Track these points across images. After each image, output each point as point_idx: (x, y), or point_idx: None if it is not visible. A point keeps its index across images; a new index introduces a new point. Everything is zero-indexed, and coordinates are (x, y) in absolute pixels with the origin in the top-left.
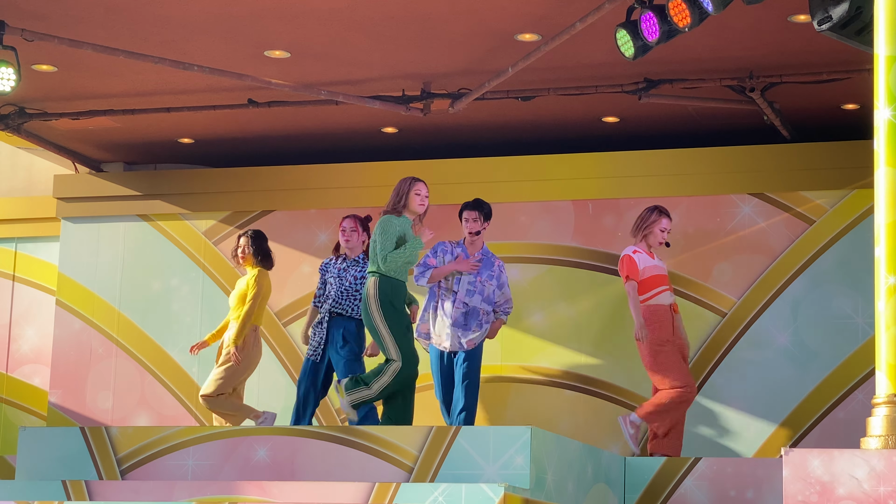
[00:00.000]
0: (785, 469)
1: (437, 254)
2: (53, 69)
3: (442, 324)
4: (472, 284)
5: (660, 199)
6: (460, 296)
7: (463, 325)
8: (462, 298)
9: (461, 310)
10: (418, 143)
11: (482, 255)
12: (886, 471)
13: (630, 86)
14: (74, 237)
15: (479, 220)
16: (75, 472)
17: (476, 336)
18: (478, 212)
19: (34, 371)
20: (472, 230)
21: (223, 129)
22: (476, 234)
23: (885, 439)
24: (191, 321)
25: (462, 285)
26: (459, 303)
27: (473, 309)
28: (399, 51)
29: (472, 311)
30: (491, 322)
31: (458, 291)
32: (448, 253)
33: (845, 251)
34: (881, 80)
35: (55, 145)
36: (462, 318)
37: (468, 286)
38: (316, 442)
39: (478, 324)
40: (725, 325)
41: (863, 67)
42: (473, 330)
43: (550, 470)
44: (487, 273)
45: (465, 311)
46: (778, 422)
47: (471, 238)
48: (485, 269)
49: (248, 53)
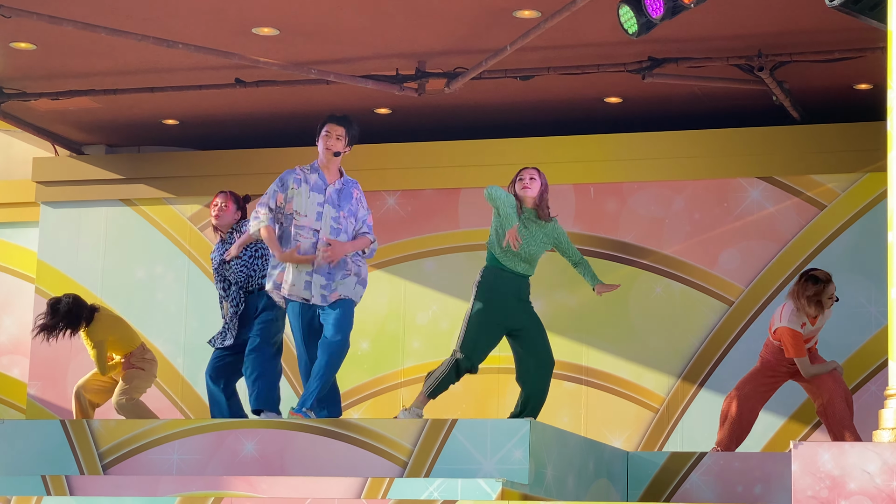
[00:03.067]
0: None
1: (285, 186)
2: (32, 47)
3: (298, 270)
4: (335, 220)
5: (665, 183)
6: (322, 235)
7: (327, 272)
8: (325, 239)
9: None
10: (413, 124)
11: (342, 185)
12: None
13: (633, 65)
14: (54, 222)
15: (343, 139)
16: (55, 467)
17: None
18: (345, 129)
19: (12, 362)
20: (334, 148)
21: (209, 110)
22: (336, 155)
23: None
24: (176, 310)
25: (325, 222)
26: (322, 243)
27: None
28: (393, 28)
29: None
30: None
31: (321, 230)
32: (303, 181)
33: (857, 237)
34: (895, 58)
35: (34, 127)
36: (326, 264)
37: (332, 223)
38: (306, 435)
39: (344, 274)
40: (732, 315)
41: (876, 45)
42: (338, 282)
43: (550, 464)
44: (348, 207)
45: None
46: (787, 415)
47: (328, 157)
48: (345, 201)
49: (235, 31)
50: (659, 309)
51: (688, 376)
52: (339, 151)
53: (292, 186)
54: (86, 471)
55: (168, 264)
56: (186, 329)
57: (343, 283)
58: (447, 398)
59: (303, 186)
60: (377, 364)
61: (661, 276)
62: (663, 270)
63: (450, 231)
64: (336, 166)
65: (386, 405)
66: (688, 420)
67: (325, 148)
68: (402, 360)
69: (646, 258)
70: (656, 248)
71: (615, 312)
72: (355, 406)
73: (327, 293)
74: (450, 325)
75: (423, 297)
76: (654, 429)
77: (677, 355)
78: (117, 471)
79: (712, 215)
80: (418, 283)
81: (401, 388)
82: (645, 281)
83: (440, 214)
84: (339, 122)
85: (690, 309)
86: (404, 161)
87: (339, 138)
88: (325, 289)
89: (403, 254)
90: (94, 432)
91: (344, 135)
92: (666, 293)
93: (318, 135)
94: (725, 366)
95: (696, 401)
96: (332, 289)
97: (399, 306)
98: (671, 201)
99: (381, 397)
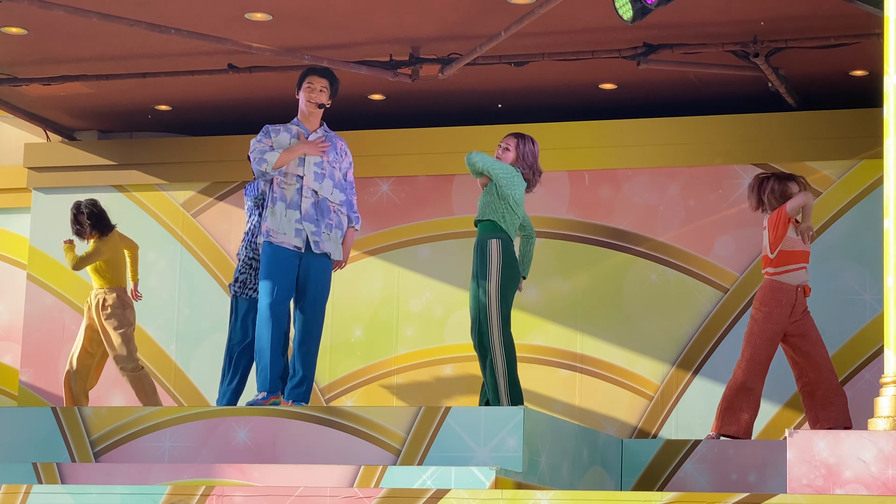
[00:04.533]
0: (789, 451)
1: (268, 135)
2: (23, 32)
3: (287, 218)
4: (319, 166)
5: (659, 170)
6: (307, 181)
7: (315, 219)
8: (310, 185)
9: (311, 199)
10: (406, 110)
11: (324, 132)
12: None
13: (628, 51)
14: (46, 208)
15: (326, 91)
16: (47, 455)
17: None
18: (328, 80)
19: (4, 349)
20: (318, 100)
21: (202, 96)
22: (319, 107)
23: (893, 420)
24: (168, 297)
25: (308, 168)
26: (307, 190)
27: (324, 199)
28: (386, 14)
29: (323, 202)
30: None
31: (304, 176)
32: (283, 131)
33: (853, 224)
34: (891, 45)
35: (26, 112)
36: (313, 210)
37: (315, 168)
38: (299, 423)
39: (329, 224)
40: (727, 302)
41: (872, 32)
42: (325, 232)
43: (544, 452)
44: (334, 154)
45: (315, 200)
46: (782, 402)
47: (309, 110)
48: (331, 147)
49: (228, 16)
50: (653, 296)
51: (682, 363)
52: (323, 104)
53: (272, 135)
54: (77, 458)
55: (160, 251)
56: (179, 316)
57: (330, 238)
58: (440, 386)
59: (282, 135)
60: (370, 351)
61: (656, 263)
62: (658, 257)
63: (444, 218)
64: (318, 119)
65: (379, 393)
66: (682, 407)
67: (308, 100)
68: (395, 348)
69: (640, 245)
70: (651, 234)
71: (609, 299)
72: (348, 394)
73: (319, 240)
74: (443, 312)
75: (416, 284)
76: (649, 416)
77: (672, 342)
78: (109, 458)
79: (707, 202)
80: (412, 270)
81: (394, 376)
82: (639, 268)
83: (434, 201)
84: (321, 74)
85: (685, 296)
86: (398, 147)
87: (323, 90)
88: (315, 235)
89: (397, 240)
90: (85, 420)
91: (327, 87)
92: (660, 280)
93: (299, 87)
94: (720, 353)
95: (691, 388)
96: (323, 238)
97: (392, 293)
98: (666, 188)
99: (374, 385)
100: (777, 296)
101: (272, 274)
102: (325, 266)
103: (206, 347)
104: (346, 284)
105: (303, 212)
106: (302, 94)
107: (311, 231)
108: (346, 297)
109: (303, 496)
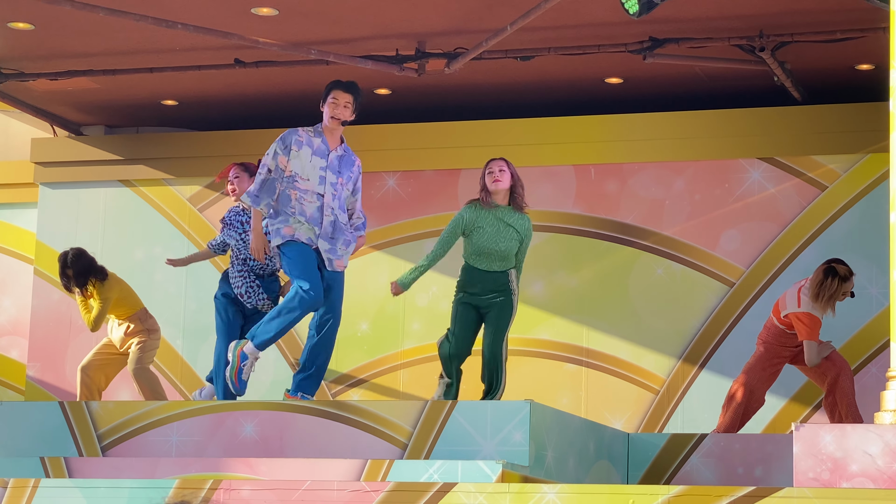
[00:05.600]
0: (795, 445)
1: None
2: (30, 27)
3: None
4: (334, 187)
5: (665, 164)
6: (327, 200)
7: (330, 237)
8: (330, 203)
9: (331, 217)
10: (412, 104)
11: (344, 151)
12: None
13: (634, 45)
14: (53, 203)
15: (350, 107)
16: (54, 449)
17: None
18: (353, 96)
19: (11, 343)
20: (342, 117)
21: (208, 91)
22: (343, 124)
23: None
24: (175, 291)
25: (327, 188)
26: (328, 209)
27: (339, 219)
28: (392, 8)
29: (338, 221)
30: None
31: (325, 195)
32: (304, 144)
33: (859, 218)
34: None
35: (32, 107)
36: (331, 229)
37: (331, 189)
38: (306, 417)
39: (345, 241)
40: (733, 296)
41: (878, 26)
42: (340, 248)
43: (550, 446)
44: (347, 174)
45: (333, 219)
46: (788, 396)
47: (332, 125)
48: (345, 167)
49: (234, 11)
50: (659, 290)
51: (688, 358)
52: (347, 120)
53: (293, 148)
54: (84, 452)
55: (167, 245)
56: (185, 310)
57: (347, 252)
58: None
59: (304, 149)
60: (377, 345)
61: (662, 257)
62: (664, 252)
63: (450, 212)
64: (339, 133)
65: (386, 387)
66: (688, 401)
67: (332, 116)
68: (401, 342)
69: (646, 239)
70: (657, 229)
71: (616, 294)
72: (355, 388)
73: (333, 258)
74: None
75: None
76: (655, 410)
77: (678, 336)
78: (116, 452)
79: (713, 196)
80: None
81: (400, 370)
82: (645, 262)
83: (440, 195)
84: (347, 90)
85: (691, 290)
86: (404, 142)
87: (347, 106)
88: (330, 253)
89: (403, 235)
90: (92, 414)
91: (351, 102)
92: (667, 274)
93: (324, 101)
94: (726, 347)
95: (697, 382)
96: (339, 255)
97: None
98: (672, 182)
99: (380, 379)
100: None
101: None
102: (340, 277)
103: (212, 342)
104: (353, 279)
105: (322, 230)
106: (326, 108)
107: (325, 249)
108: (353, 292)
109: (310, 490)
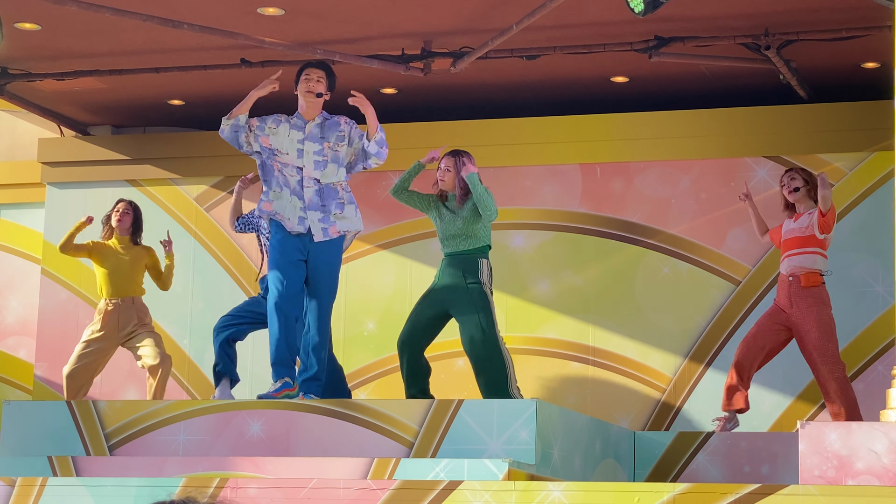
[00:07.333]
0: (801, 443)
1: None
2: (37, 28)
3: (292, 205)
4: (319, 154)
5: (671, 163)
6: (307, 172)
7: (320, 205)
8: (311, 174)
9: (313, 188)
10: (418, 104)
11: (322, 119)
12: None
13: (640, 44)
14: (60, 203)
15: (323, 81)
16: (62, 448)
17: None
18: (325, 71)
19: (19, 343)
20: (316, 89)
21: (215, 90)
22: (318, 97)
23: None
24: (182, 291)
25: (308, 158)
26: (308, 180)
27: (327, 185)
28: (398, 8)
29: (327, 188)
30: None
31: (304, 167)
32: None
33: (865, 216)
34: None
35: (39, 107)
36: (317, 198)
37: (315, 157)
38: (312, 416)
39: (338, 203)
40: (739, 294)
41: (883, 24)
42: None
43: (557, 445)
44: (336, 135)
45: (319, 188)
46: (794, 395)
47: (308, 100)
48: (329, 131)
49: (240, 10)
50: (666, 289)
51: (695, 356)
52: (321, 93)
53: (271, 125)
54: (92, 451)
55: (173, 245)
56: (192, 310)
57: (343, 216)
58: (453, 379)
59: (282, 125)
60: (383, 344)
61: (668, 255)
62: (670, 250)
63: None
64: (316, 110)
65: (392, 386)
66: (694, 400)
67: (307, 90)
68: None
69: (652, 238)
70: (663, 227)
71: (622, 292)
72: (361, 386)
73: (327, 226)
74: None
75: (429, 277)
76: (661, 409)
77: (684, 335)
78: (123, 451)
79: (719, 195)
80: (424, 263)
81: None
82: (652, 261)
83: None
84: (317, 66)
85: (697, 288)
86: (410, 141)
87: (320, 80)
88: (322, 221)
89: (409, 234)
90: (100, 413)
91: (324, 77)
92: (673, 273)
93: (297, 81)
94: (732, 345)
95: (703, 381)
96: (332, 221)
97: (405, 286)
98: (678, 181)
99: (387, 378)
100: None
101: (281, 265)
102: (333, 251)
103: None
104: (359, 278)
105: (306, 201)
106: (300, 85)
107: (317, 219)
108: (359, 291)
109: (316, 488)
